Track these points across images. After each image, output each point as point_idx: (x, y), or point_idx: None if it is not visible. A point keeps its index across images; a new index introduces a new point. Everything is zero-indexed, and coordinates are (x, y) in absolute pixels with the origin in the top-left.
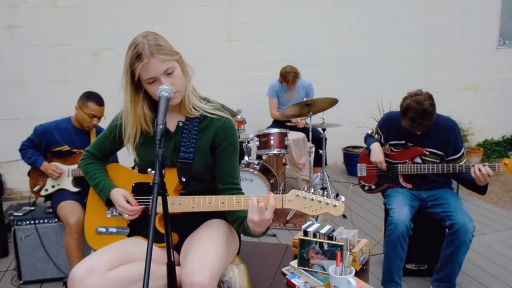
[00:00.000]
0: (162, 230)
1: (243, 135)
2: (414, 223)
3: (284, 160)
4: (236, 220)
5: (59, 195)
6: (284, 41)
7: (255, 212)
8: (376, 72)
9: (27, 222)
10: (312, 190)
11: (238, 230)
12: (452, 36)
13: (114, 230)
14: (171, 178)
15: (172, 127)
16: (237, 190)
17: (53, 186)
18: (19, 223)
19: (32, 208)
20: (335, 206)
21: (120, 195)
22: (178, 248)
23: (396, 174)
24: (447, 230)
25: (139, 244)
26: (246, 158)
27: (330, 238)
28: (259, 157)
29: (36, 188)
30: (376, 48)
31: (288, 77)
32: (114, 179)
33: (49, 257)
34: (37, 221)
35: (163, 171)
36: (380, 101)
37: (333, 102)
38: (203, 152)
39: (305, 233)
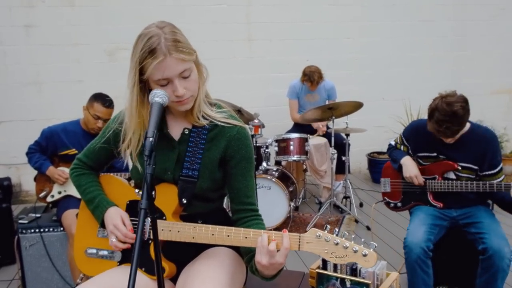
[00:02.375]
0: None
1: (261, 140)
2: (444, 242)
3: (304, 166)
4: (247, 253)
5: (65, 202)
6: (306, 40)
7: (264, 255)
8: (404, 73)
9: (32, 231)
10: (337, 230)
11: (247, 266)
12: (486, 36)
13: (105, 253)
14: (171, 198)
15: (176, 135)
16: (252, 212)
17: (59, 192)
18: (24, 231)
19: (38, 215)
20: (364, 255)
21: (118, 214)
22: (177, 278)
23: (424, 190)
24: (480, 255)
25: None
26: (264, 164)
27: (354, 270)
28: (278, 163)
29: (42, 194)
30: (404, 49)
31: (313, 76)
32: (106, 193)
33: (55, 267)
34: (42, 230)
35: (157, 187)
36: (408, 104)
37: (357, 106)
38: (210, 166)
39: (324, 263)
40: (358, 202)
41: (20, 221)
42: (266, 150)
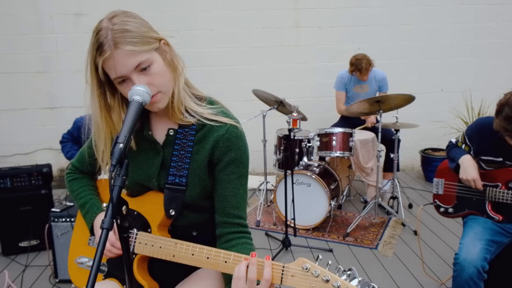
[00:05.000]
0: (140, 279)
1: (303, 133)
2: (498, 261)
3: (350, 162)
4: (229, 279)
5: None
6: (358, 27)
7: (241, 286)
8: (466, 63)
9: (64, 219)
10: (329, 262)
11: None
12: None
13: None
14: (156, 208)
15: (160, 137)
16: (239, 227)
17: None
18: (56, 219)
19: (71, 204)
20: None
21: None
22: None
23: (482, 199)
24: None
25: None
26: (305, 159)
27: None
28: (322, 158)
29: None
30: (467, 35)
31: (361, 64)
32: (102, 199)
33: None
34: (73, 219)
35: (145, 195)
36: (469, 97)
37: (408, 99)
38: (199, 171)
39: None
40: (407, 203)
41: (52, 210)
42: (308, 144)
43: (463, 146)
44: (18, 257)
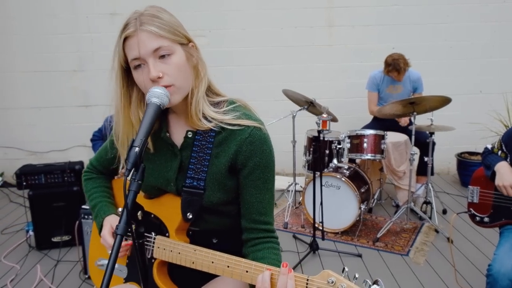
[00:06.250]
0: (160, 284)
1: (333, 135)
2: None
3: (381, 165)
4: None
5: None
6: (393, 26)
7: None
8: (509, 63)
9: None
10: (356, 275)
11: None
12: None
13: (116, 266)
14: (173, 212)
15: (178, 139)
16: (265, 233)
17: None
18: (86, 216)
19: None
20: None
21: (108, 223)
22: None
23: None
24: None
25: None
26: (335, 161)
27: None
28: (352, 160)
29: None
30: (510, 34)
31: (399, 64)
32: (117, 200)
33: None
34: None
35: (162, 198)
36: (510, 99)
37: (444, 101)
38: (219, 175)
39: None
40: (441, 208)
41: (82, 207)
42: (338, 146)
43: (499, 152)
44: (51, 252)
